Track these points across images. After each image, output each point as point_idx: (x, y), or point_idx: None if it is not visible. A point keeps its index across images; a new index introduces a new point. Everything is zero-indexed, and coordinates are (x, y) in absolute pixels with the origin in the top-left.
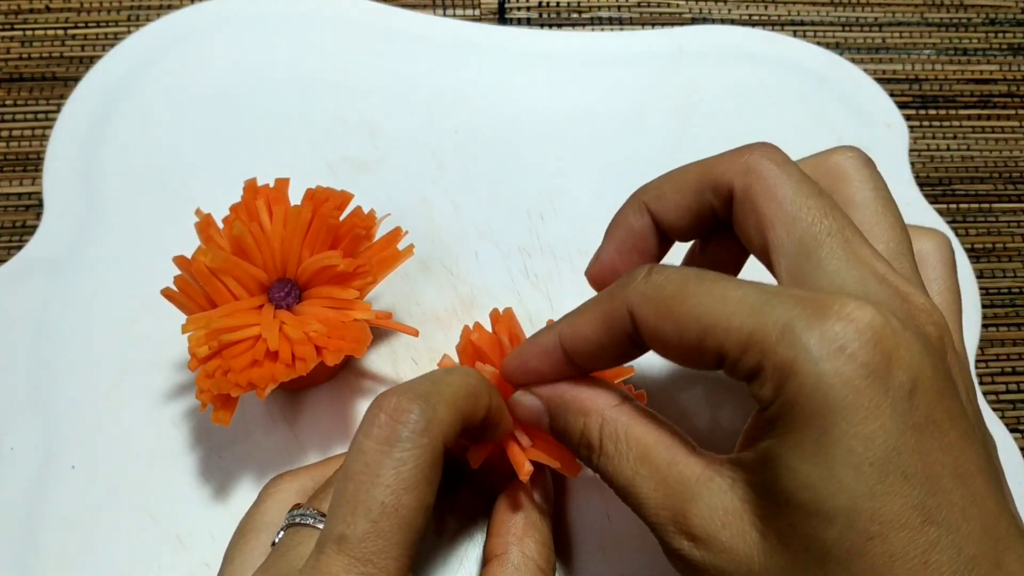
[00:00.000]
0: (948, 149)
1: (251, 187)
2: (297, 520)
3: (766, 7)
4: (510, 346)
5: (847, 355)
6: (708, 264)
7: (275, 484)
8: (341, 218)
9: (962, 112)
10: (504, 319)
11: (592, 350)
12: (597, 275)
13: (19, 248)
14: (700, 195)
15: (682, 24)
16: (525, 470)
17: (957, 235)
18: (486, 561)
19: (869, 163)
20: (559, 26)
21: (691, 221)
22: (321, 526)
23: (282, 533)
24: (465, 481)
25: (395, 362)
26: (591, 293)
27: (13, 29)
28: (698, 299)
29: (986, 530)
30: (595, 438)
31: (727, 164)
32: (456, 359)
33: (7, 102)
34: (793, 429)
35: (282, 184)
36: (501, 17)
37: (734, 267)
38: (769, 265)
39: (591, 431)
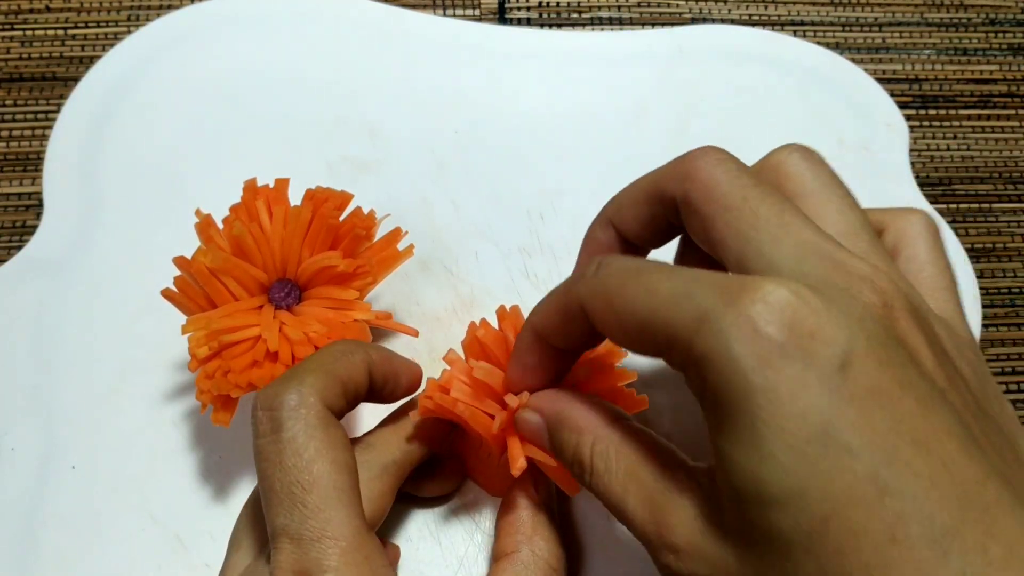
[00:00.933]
0: (948, 149)
1: (251, 187)
2: None
3: (766, 7)
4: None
5: (761, 335)
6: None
7: None
8: (341, 218)
9: (962, 112)
10: (511, 316)
11: (561, 337)
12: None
13: (19, 248)
14: (651, 207)
15: (682, 24)
16: (519, 465)
17: (957, 235)
18: (496, 560)
19: (810, 155)
20: (559, 26)
21: (651, 231)
22: None
23: None
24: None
25: None
26: None
27: (13, 29)
28: (634, 292)
29: (965, 497)
30: (586, 456)
31: (669, 173)
32: (462, 355)
33: (7, 102)
34: (725, 419)
35: (282, 184)
36: (501, 17)
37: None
38: (718, 257)
39: (583, 450)
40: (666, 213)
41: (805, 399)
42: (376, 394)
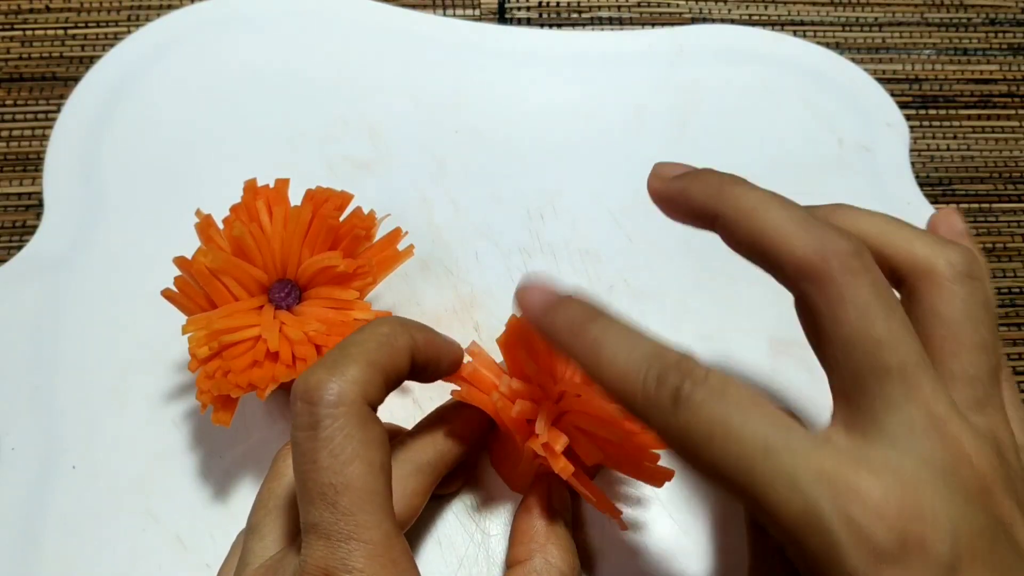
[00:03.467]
0: (948, 149)
1: (251, 187)
2: None
3: (766, 7)
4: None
5: (870, 542)
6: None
7: (289, 456)
8: (341, 219)
9: (962, 112)
10: None
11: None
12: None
13: (19, 248)
14: (755, 258)
15: (682, 24)
16: (565, 473)
17: None
18: (509, 567)
19: (970, 271)
20: (559, 26)
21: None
22: None
23: None
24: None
25: None
26: (589, 292)
27: (13, 29)
28: (723, 451)
29: None
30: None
31: (797, 257)
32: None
33: (7, 102)
34: None
35: (282, 184)
36: (501, 17)
37: None
38: (826, 372)
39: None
40: (769, 270)
41: None
42: (415, 375)
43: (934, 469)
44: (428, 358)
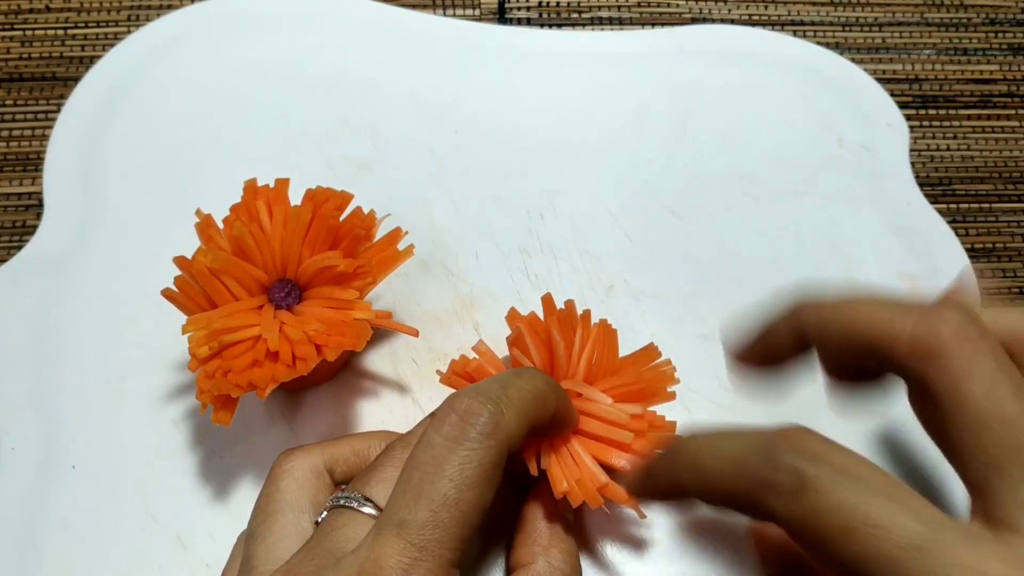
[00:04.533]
0: (948, 149)
1: (251, 187)
2: (341, 502)
3: (766, 7)
4: (560, 339)
5: None
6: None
7: (288, 460)
8: (341, 218)
9: (962, 112)
10: (564, 314)
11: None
12: (744, 356)
13: (19, 248)
14: (861, 355)
15: (682, 24)
16: (561, 489)
17: (957, 235)
18: (512, 569)
19: None
20: (559, 26)
21: (847, 370)
22: (365, 509)
23: (325, 513)
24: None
25: (395, 362)
26: (589, 292)
27: (13, 29)
28: (855, 552)
29: None
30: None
31: (907, 337)
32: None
33: (7, 102)
34: None
35: (282, 184)
36: (501, 17)
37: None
38: (951, 461)
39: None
40: (877, 365)
41: None
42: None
43: None
44: (561, 422)
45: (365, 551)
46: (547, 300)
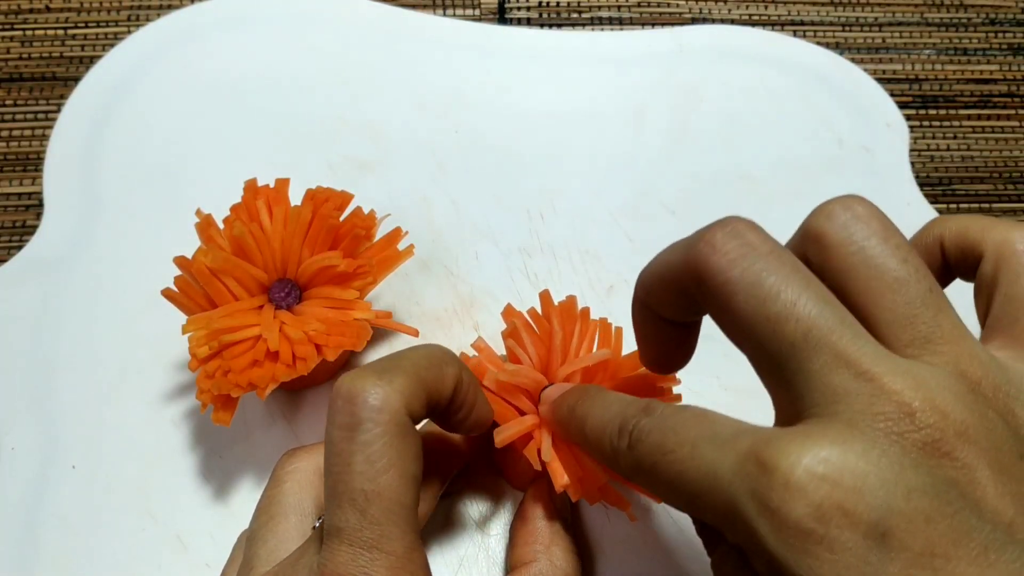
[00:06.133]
0: (948, 149)
1: (251, 187)
2: None
3: (766, 7)
4: (560, 331)
5: (791, 526)
6: None
7: (290, 461)
8: (341, 218)
9: (962, 112)
10: (563, 308)
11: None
12: (651, 362)
13: (19, 248)
14: (676, 294)
15: (682, 24)
16: (561, 482)
17: None
18: (513, 568)
19: (856, 214)
20: (559, 26)
21: (684, 313)
22: None
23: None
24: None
25: None
26: (589, 292)
27: (13, 29)
28: (666, 474)
29: None
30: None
31: (683, 254)
32: (489, 344)
33: (7, 102)
34: None
35: (282, 184)
36: (501, 17)
37: None
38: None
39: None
40: (694, 297)
41: None
42: (447, 415)
43: (860, 431)
44: (466, 400)
45: (320, 566)
46: (545, 296)
